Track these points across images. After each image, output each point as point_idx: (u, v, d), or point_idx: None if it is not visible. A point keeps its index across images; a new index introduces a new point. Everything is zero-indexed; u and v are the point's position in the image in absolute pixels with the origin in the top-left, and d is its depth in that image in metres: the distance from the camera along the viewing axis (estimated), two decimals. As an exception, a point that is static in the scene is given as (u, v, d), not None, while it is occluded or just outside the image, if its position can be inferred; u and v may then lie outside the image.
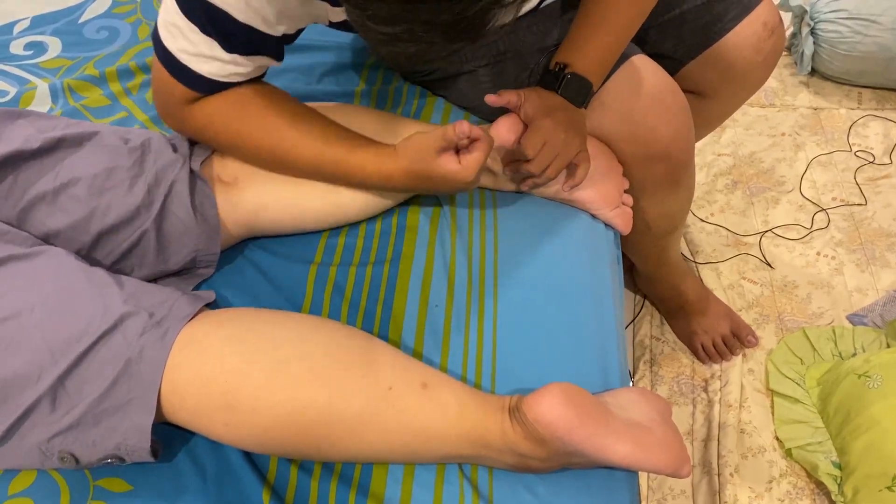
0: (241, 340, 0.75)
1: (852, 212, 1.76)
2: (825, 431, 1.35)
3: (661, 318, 1.60)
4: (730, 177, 1.87)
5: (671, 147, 1.04)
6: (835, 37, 1.94)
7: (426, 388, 0.76)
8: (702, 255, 1.69)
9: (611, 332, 0.91)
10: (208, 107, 0.90)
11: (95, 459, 0.74)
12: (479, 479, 0.78)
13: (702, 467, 1.37)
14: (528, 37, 1.04)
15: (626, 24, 0.98)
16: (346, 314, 0.92)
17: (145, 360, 0.72)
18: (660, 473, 0.76)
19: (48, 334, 0.72)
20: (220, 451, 0.81)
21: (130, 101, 1.17)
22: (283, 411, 0.72)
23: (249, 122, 0.91)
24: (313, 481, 0.78)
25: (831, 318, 1.55)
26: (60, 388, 0.71)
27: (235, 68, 0.87)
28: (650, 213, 1.18)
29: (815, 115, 2.01)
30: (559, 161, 0.94)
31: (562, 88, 0.96)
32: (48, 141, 0.87)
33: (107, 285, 0.77)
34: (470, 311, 0.92)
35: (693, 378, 1.50)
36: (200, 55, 0.84)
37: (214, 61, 0.85)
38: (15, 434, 0.72)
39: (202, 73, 0.86)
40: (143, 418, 0.72)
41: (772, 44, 1.16)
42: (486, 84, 1.06)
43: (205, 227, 0.92)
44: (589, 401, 0.75)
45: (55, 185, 0.86)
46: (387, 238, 1.00)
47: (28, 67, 1.24)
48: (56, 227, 0.86)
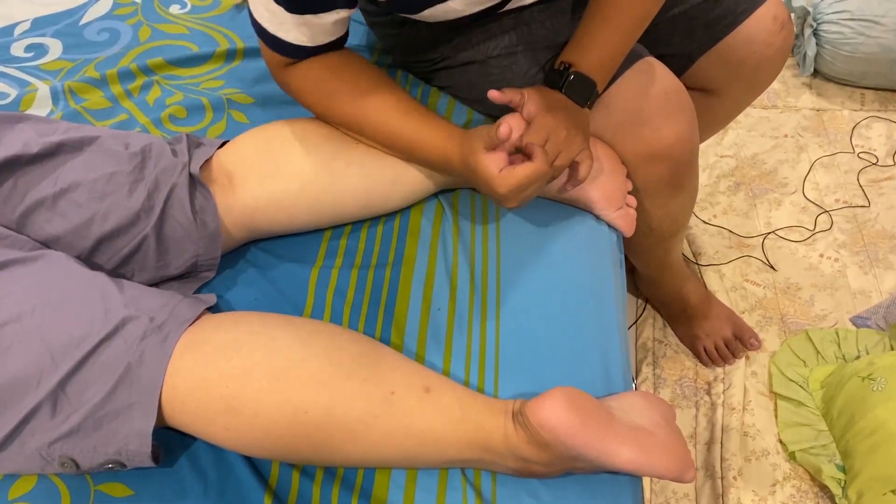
0: (242, 345, 0.74)
1: (855, 213, 1.75)
2: (829, 434, 1.34)
3: (663, 322, 1.59)
4: (732, 178, 1.86)
5: (675, 148, 1.04)
6: (838, 38, 1.94)
7: (429, 392, 0.76)
8: (704, 258, 1.68)
9: (613, 336, 0.91)
10: (303, 70, 0.97)
11: (96, 464, 0.73)
12: (483, 484, 0.78)
13: (705, 471, 1.36)
14: (540, 31, 1.04)
15: (633, 25, 0.98)
16: (348, 317, 0.92)
17: (146, 365, 0.72)
18: (664, 478, 0.75)
19: (49, 338, 0.72)
20: (221, 456, 0.80)
21: (131, 104, 1.16)
22: (284, 415, 0.72)
23: (340, 85, 0.97)
24: (315, 486, 0.78)
25: (835, 321, 1.55)
26: (61, 393, 0.71)
27: (313, 29, 0.91)
28: (653, 216, 1.17)
29: (817, 116, 2.00)
30: (561, 159, 0.94)
31: (565, 88, 0.96)
32: (48, 146, 0.87)
33: (108, 289, 0.77)
34: (472, 314, 0.92)
35: (696, 381, 1.50)
36: (281, 24, 0.90)
37: (293, 28, 0.90)
38: (16, 439, 0.72)
39: (287, 41, 0.92)
40: (143, 423, 0.72)
41: (782, 38, 1.16)
42: (495, 76, 1.05)
43: (205, 231, 0.91)
44: (592, 405, 0.74)
45: (55, 189, 0.86)
46: (389, 241, 1.00)
47: (29, 69, 1.24)
48: (55, 233, 0.85)
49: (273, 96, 1.16)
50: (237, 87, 1.19)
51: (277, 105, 1.15)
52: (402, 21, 1.11)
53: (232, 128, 1.12)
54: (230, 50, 1.25)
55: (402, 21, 1.10)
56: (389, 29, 1.16)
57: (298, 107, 1.13)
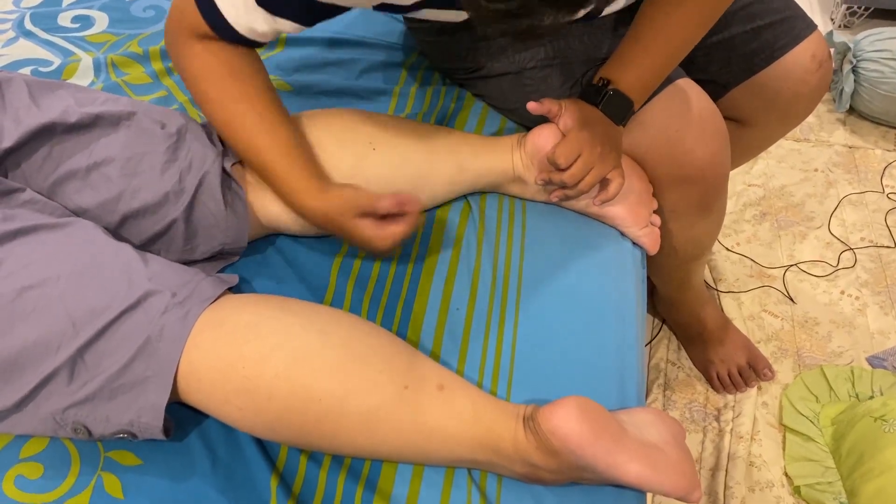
0: (262, 327, 0.75)
1: (880, 254, 1.74)
2: (836, 472, 1.33)
3: (678, 344, 1.59)
4: (759, 208, 1.86)
5: (707, 171, 1.04)
6: (876, 76, 1.92)
7: (442, 389, 0.76)
8: (724, 284, 1.68)
9: (631, 351, 0.90)
10: (211, 49, 0.89)
11: (108, 433, 0.74)
12: (488, 486, 0.78)
13: (708, 497, 1.35)
14: (577, 45, 1.04)
15: (675, 49, 0.98)
16: (366, 308, 0.92)
17: (165, 339, 0.72)
18: (670, 496, 0.75)
19: (71, 305, 0.72)
20: (231, 436, 0.81)
21: (171, 82, 1.17)
22: (298, 400, 0.72)
23: (233, 84, 0.90)
24: (322, 473, 0.78)
25: (850, 359, 1.54)
26: (79, 360, 0.71)
27: (255, 23, 0.86)
28: (679, 237, 1.17)
29: (849, 153, 1.99)
30: (593, 174, 0.94)
31: (603, 104, 0.96)
32: (86, 116, 0.88)
33: (132, 262, 0.77)
34: (491, 317, 0.92)
35: (706, 406, 1.49)
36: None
37: (240, 7, 0.84)
38: (31, 402, 0.72)
39: (224, 14, 0.85)
40: (158, 397, 0.72)
41: (819, 77, 1.15)
42: (529, 88, 1.06)
43: (234, 220, 0.92)
44: (604, 417, 0.74)
45: (88, 162, 0.86)
46: (413, 237, 1.00)
47: (74, 40, 1.25)
48: (84, 205, 0.86)
49: (311, 86, 1.17)
50: (276, 74, 1.20)
51: (314, 95, 1.16)
52: (440, 28, 1.11)
53: (267, 113, 1.13)
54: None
55: (441, 28, 1.11)
56: (427, 35, 1.16)
57: (334, 99, 1.14)
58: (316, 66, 1.22)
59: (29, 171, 0.85)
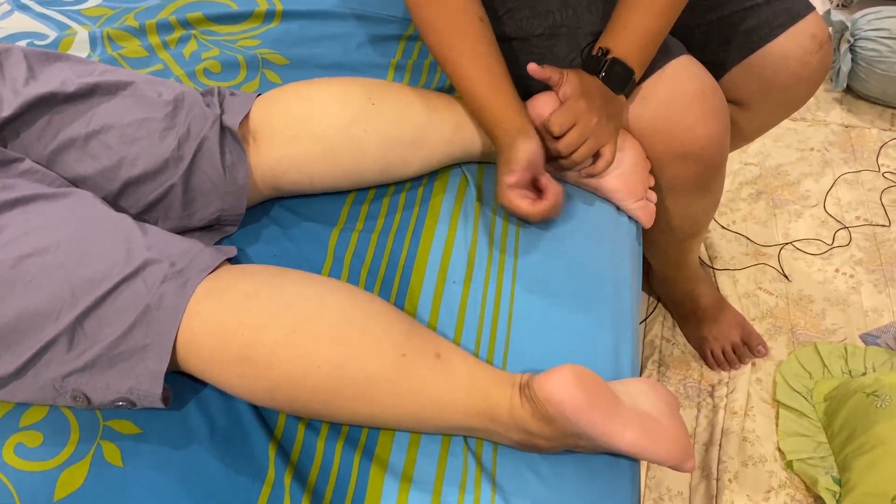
0: (261, 296, 0.75)
1: (875, 232, 1.74)
2: (828, 447, 1.35)
3: (673, 321, 1.60)
4: (755, 186, 1.86)
5: (706, 148, 1.04)
6: (873, 55, 1.92)
7: (439, 358, 0.77)
8: (720, 262, 1.68)
9: (626, 322, 0.91)
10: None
11: (107, 401, 0.75)
12: (484, 453, 0.79)
13: (701, 471, 1.37)
14: (585, 15, 1.04)
15: (666, 8, 0.97)
16: (364, 280, 0.93)
17: (164, 308, 0.73)
18: (663, 464, 0.76)
19: (71, 273, 0.73)
20: (230, 405, 0.82)
21: (168, 55, 1.17)
22: (297, 368, 0.73)
23: (466, 30, 0.97)
24: (320, 440, 0.79)
25: (844, 336, 1.55)
26: (79, 328, 0.72)
27: None
28: (676, 215, 1.17)
29: (845, 132, 1.99)
30: (588, 146, 0.94)
31: (603, 73, 0.96)
32: (84, 86, 0.88)
33: (132, 231, 0.78)
34: (487, 289, 0.92)
35: (700, 382, 1.50)
36: None
37: None
38: (31, 369, 0.73)
39: None
40: (157, 364, 0.73)
41: (818, 59, 1.14)
42: (535, 55, 1.05)
43: (233, 186, 0.92)
44: (599, 385, 0.75)
45: (87, 130, 0.87)
46: (410, 210, 1.00)
47: (69, 13, 1.25)
48: (84, 173, 0.86)
49: (308, 60, 1.17)
50: (272, 48, 1.19)
51: (312, 68, 1.15)
52: None
53: (264, 87, 1.13)
54: (269, 11, 1.25)
55: None
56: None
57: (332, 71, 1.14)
58: (313, 39, 1.21)
59: (28, 141, 0.85)
